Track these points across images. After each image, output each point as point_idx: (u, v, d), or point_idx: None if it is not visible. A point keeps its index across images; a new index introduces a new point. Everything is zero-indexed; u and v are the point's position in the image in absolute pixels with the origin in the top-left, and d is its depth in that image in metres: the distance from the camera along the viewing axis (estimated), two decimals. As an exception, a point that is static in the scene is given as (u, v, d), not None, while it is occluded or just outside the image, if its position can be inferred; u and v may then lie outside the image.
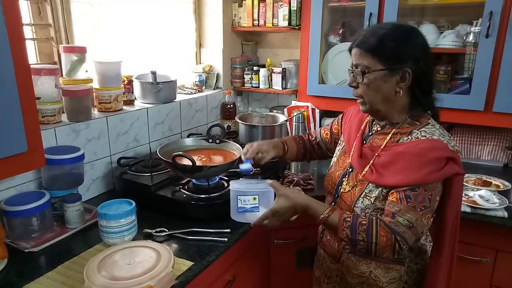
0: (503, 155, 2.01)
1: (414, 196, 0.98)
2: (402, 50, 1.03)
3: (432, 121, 1.09)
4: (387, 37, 1.03)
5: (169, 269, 1.06)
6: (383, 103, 1.08)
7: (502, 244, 1.55)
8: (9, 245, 1.20)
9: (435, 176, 0.99)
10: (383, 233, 0.96)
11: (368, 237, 0.97)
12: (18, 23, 0.98)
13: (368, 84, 1.06)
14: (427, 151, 1.00)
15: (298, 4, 2.17)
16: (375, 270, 1.12)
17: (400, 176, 1.01)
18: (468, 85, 1.83)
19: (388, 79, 1.04)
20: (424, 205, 0.99)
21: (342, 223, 1.00)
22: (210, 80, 2.40)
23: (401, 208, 0.99)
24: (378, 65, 1.03)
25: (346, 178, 1.17)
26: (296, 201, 1.09)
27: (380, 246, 0.96)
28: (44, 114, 1.42)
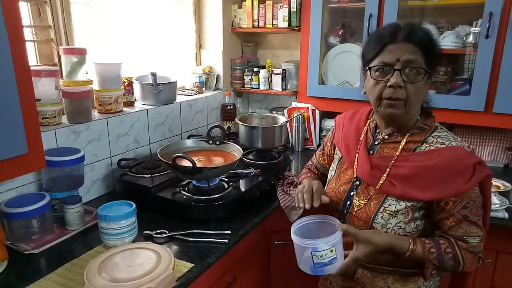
0: (503, 156, 2.01)
1: (470, 211, 0.99)
2: (438, 51, 1.01)
3: (438, 124, 1.09)
4: (430, 36, 0.99)
5: (170, 271, 1.06)
6: (418, 105, 1.04)
7: (502, 245, 1.54)
8: (9, 247, 1.20)
9: (468, 185, 0.98)
10: (469, 256, 1.00)
11: (455, 264, 0.99)
12: (18, 25, 0.98)
13: (421, 86, 0.99)
14: (453, 162, 0.99)
15: (298, 5, 2.17)
16: (393, 284, 1.09)
17: (433, 191, 0.99)
18: (468, 86, 1.83)
19: (427, 81, 1.01)
20: (479, 214, 1.01)
21: (428, 256, 0.99)
22: (210, 81, 2.40)
23: (465, 229, 1.00)
24: (429, 66, 0.99)
25: (355, 192, 1.10)
26: (378, 244, 0.99)
27: (467, 267, 1.00)
28: (44, 115, 1.42)
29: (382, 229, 1.04)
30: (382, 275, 1.09)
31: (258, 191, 1.60)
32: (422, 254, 0.99)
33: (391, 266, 1.07)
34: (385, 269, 1.08)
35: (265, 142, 1.87)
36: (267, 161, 1.84)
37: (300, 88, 2.27)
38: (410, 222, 1.03)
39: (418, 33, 0.97)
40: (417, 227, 1.04)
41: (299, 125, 2.24)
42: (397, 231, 1.04)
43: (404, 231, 1.04)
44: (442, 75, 1.94)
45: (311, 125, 2.27)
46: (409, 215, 1.02)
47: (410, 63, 0.96)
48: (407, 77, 0.97)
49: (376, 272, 1.09)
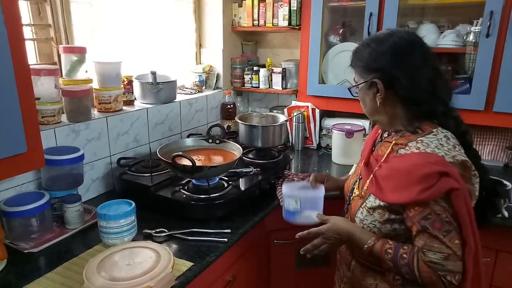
0: (504, 155, 2.01)
1: (431, 224, 0.94)
2: (370, 63, 1.05)
3: (437, 130, 1.03)
4: (360, 51, 1.09)
5: (169, 269, 1.06)
6: (375, 114, 1.11)
7: (502, 244, 1.54)
8: (8, 246, 1.20)
9: (426, 194, 0.93)
10: (425, 269, 0.94)
11: (411, 272, 0.96)
12: (18, 24, 0.98)
13: (360, 98, 1.13)
14: (416, 168, 0.96)
15: (298, 4, 2.16)
16: (381, 283, 1.09)
17: (396, 194, 0.99)
18: (469, 85, 1.83)
19: (367, 92, 1.08)
20: (446, 229, 0.93)
21: (384, 255, 0.99)
22: (210, 80, 2.40)
23: (425, 242, 0.94)
24: (360, 79, 1.09)
25: (356, 185, 1.17)
26: (341, 227, 1.08)
27: (426, 281, 0.94)
28: (44, 114, 1.42)
29: (360, 224, 1.09)
30: (371, 272, 1.11)
31: (258, 190, 1.60)
32: (379, 252, 1.00)
33: (378, 265, 1.07)
34: (374, 267, 1.10)
35: (265, 141, 1.87)
36: (267, 160, 1.84)
37: (300, 87, 2.27)
38: (386, 223, 1.03)
39: (351, 56, 1.12)
40: (395, 231, 1.03)
41: (299, 124, 2.24)
42: (372, 229, 1.06)
43: (380, 231, 1.05)
44: (443, 74, 1.93)
45: (311, 124, 2.27)
46: (385, 216, 1.03)
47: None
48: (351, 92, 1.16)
49: (367, 268, 1.12)
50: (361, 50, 1.08)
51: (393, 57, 1.02)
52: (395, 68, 1.02)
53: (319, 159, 2.16)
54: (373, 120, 1.14)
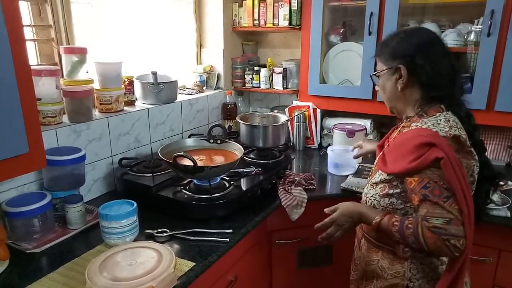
0: (505, 154, 2.01)
1: (430, 192, 0.99)
2: (395, 50, 1.13)
3: (441, 114, 1.09)
4: (387, 41, 1.17)
5: (171, 269, 1.06)
6: (392, 100, 1.19)
7: (505, 244, 1.54)
8: (10, 246, 1.20)
9: (415, 163, 1.00)
10: (429, 235, 0.98)
11: (417, 240, 0.99)
12: (19, 24, 0.98)
13: (379, 86, 1.21)
14: (408, 140, 1.05)
15: (298, 3, 2.16)
16: (382, 260, 1.16)
17: (393, 165, 1.08)
18: (470, 84, 1.82)
19: (389, 78, 1.15)
20: (445, 195, 0.98)
21: (391, 228, 1.04)
22: (211, 80, 2.40)
23: (427, 209, 0.99)
24: (383, 67, 1.17)
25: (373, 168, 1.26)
26: (351, 209, 1.15)
27: (432, 247, 0.98)
28: (45, 115, 1.42)
29: (363, 198, 1.20)
30: (374, 248, 1.19)
31: (259, 190, 1.60)
32: (386, 225, 1.06)
33: (380, 241, 1.16)
34: (376, 243, 1.18)
35: (266, 141, 1.87)
36: (268, 160, 1.84)
37: (301, 87, 2.27)
38: (385, 197, 1.11)
39: (377, 47, 1.22)
40: (392, 204, 1.10)
41: (300, 124, 2.24)
42: (372, 202, 1.14)
43: (378, 204, 1.13)
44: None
45: (312, 124, 2.27)
46: (385, 189, 1.11)
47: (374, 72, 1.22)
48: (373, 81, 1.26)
49: (371, 244, 1.20)
50: (389, 39, 1.17)
51: (419, 46, 1.10)
52: (421, 55, 1.09)
53: (320, 159, 2.16)
54: (390, 107, 1.22)
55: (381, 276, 1.16)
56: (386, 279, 1.14)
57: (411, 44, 1.11)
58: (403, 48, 1.12)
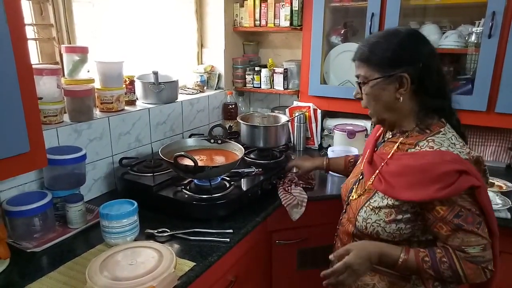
0: (506, 156, 2.01)
1: (464, 220, 0.94)
2: (395, 56, 1.00)
3: (445, 130, 1.03)
4: (379, 44, 1.02)
5: (171, 269, 1.06)
6: (387, 111, 1.06)
7: (505, 246, 1.53)
8: (11, 245, 1.20)
9: (445, 192, 0.93)
10: (470, 266, 0.95)
11: (454, 273, 0.96)
12: (20, 23, 0.98)
13: (368, 94, 1.05)
14: (434, 166, 0.95)
15: (299, 4, 2.16)
16: (379, 283, 1.08)
17: (411, 192, 0.98)
18: (471, 86, 1.82)
19: (386, 87, 1.02)
20: (478, 221, 0.96)
21: (422, 265, 0.97)
22: (211, 80, 2.40)
23: (462, 238, 0.95)
24: (375, 74, 1.03)
25: (356, 185, 1.17)
26: (368, 250, 1.01)
27: (470, 278, 0.96)
28: (46, 114, 1.42)
29: (362, 223, 1.07)
30: (370, 271, 1.08)
31: (260, 190, 1.60)
32: (415, 263, 0.97)
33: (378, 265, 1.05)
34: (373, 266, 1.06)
35: (266, 141, 1.87)
36: (268, 160, 1.84)
37: (301, 87, 2.27)
38: (391, 223, 1.02)
39: (360, 49, 1.06)
40: (400, 230, 1.02)
41: (300, 124, 2.24)
42: (375, 228, 1.04)
43: (383, 230, 1.03)
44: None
45: (313, 124, 2.27)
46: (392, 215, 1.02)
47: (357, 78, 1.08)
48: (360, 88, 1.08)
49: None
50: (377, 42, 1.03)
51: (423, 51, 1.00)
52: (429, 63, 0.99)
53: (320, 159, 2.15)
54: (380, 119, 1.09)
55: None
56: None
57: (411, 48, 1.01)
58: (402, 52, 1.00)
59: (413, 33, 1.04)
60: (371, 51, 1.03)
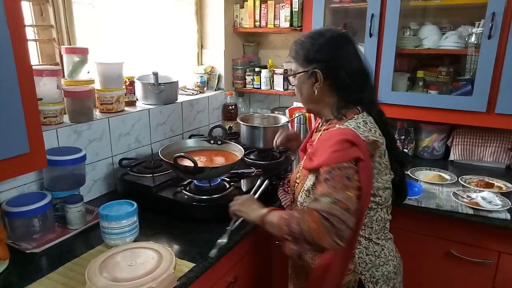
0: (506, 157, 2.01)
1: (331, 177, 1.00)
2: (311, 53, 1.13)
3: (358, 116, 1.12)
4: (304, 43, 1.16)
5: (171, 270, 1.06)
6: (309, 102, 1.20)
7: (504, 246, 1.54)
8: (10, 246, 1.20)
9: (337, 155, 1.02)
10: (310, 217, 0.93)
11: (299, 226, 0.94)
12: (20, 24, 0.98)
13: (295, 86, 1.21)
14: (333, 136, 1.07)
15: (299, 5, 2.17)
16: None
17: (317, 160, 1.07)
18: (470, 86, 1.82)
19: (305, 81, 1.16)
20: (344, 183, 0.98)
21: (281, 221, 1.02)
22: (211, 81, 2.40)
23: (323, 191, 0.98)
24: (299, 68, 1.17)
25: (298, 175, 1.23)
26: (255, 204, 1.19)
27: (312, 232, 0.92)
28: (46, 115, 1.42)
29: (300, 207, 1.17)
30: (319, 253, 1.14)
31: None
32: (275, 219, 1.05)
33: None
34: None
35: (266, 142, 1.87)
36: (268, 161, 1.84)
37: (301, 88, 2.27)
38: None
39: (292, 47, 1.19)
40: None
41: (300, 125, 2.23)
42: None
43: None
44: (444, 76, 1.94)
45: (313, 125, 2.26)
46: None
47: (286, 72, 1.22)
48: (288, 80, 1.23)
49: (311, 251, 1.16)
50: (303, 41, 1.16)
51: (333, 50, 1.13)
52: (335, 60, 1.12)
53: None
54: (307, 109, 1.24)
55: None
56: None
57: (324, 46, 1.13)
58: (318, 52, 1.12)
59: (336, 37, 1.15)
60: (298, 49, 1.17)
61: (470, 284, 1.63)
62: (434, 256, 1.67)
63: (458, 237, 1.60)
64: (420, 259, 1.69)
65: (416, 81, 2.05)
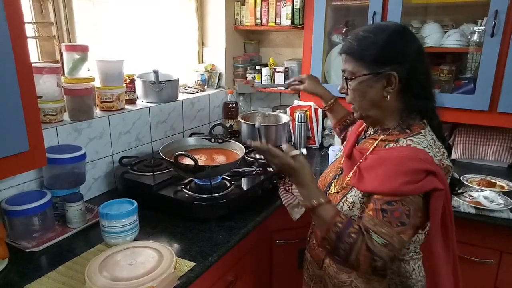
0: (508, 156, 2.00)
1: (391, 211, 0.91)
2: (385, 53, 0.98)
3: (425, 131, 1.01)
4: (368, 39, 0.99)
5: (171, 269, 1.05)
6: (372, 108, 1.04)
7: (506, 246, 1.53)
8: (10, 245, 1.20)
9: (410, 188, 0.90)
10: (364, 253, 0.92)
11: (350, 252, 0.93)
12: (20, 21, 0.97)
13: (354, 90, 1.03)
14: (407, 161, 0.93)
15: (301, 2, 2.16)
16: (356, 280, 1.07)
17: (376, 182, 0.95)
18: (473, 85, 1.81)
19: (373, 84, 1.00)
20: (402, 221, 0.91)
21: (332, 226, 0.95)
22: (212, 79, 2.39)
23: (376, 223, 0.92)
24: (363, 70, 1.00)
25: (335, 180, 1.14)
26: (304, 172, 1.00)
27: (359, 263, 0.93)
28: (46, 113, 1.42)
29: None
30: (346, 268, 1.07)
31: (260, 189, 1.59)
32: (328, 218, 0.96)
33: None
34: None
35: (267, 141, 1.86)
36: (269, 159, 1.83)
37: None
38: None
39: (348, 43, 1.03)
40: None
41: (301, 123, 2.22)
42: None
43: None
44: (446, 74, 1.93)
45: (314, 123, 2.26)
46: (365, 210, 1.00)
47: (343, 72, 1.05)
48: (347, 84, 1.04)
49: (341, 264, 1.08)
50: (365, 37, 0.99)
51: (409, 48, 0.98)
52: (418, 63, 0.98)
53: (321, 159, 2.15)
54: (364, 115, 1.07)
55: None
56: None
57: (401, 47, 0.98)
58: (396, 51, 0.98)
59: (401, 30, 1.01)
60: (360, 46, 1.00)
61: (472, 283, 1.62)
62: (436, 256, 1.66)
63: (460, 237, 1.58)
64: (421, 259, 1.68)
65: (418, 80, 2.04)
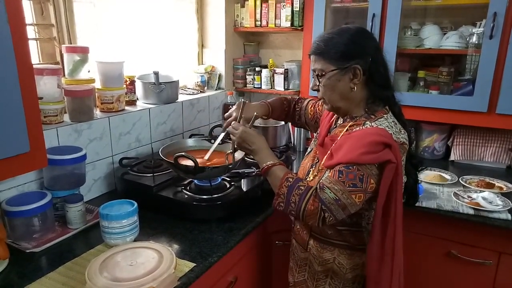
0: (506, 157, 2.00)
1: (346, 173, 1.03)
2: (349, 50, 1.10)
3: (387, 116, 1.13)
4: (334, 40, 1.12)
5: (171, 270, 1.06)
6: (341, 100, 1.15)
7: (505, 247, 1.54)
8: (10, 246, 1.20)
9: (368, 157, 1.02)
10: (312, 202, 1.03)
11: (299, 202, 1.05)
12: (22, 23, 0.98)
13: (325, 85, 1.14)
14: (368, 135, 1.06)
15: (300, 4, 2.16)
16: (338, 257, 1.19)
17: (341, 155, 1.07)
18: (471, 87, 1.82)
19: (341, 78, 1.12)
20: (354, 183, 1.02)
21: (284, 181, 1.09)
22: (212, 80, 2.40)
23: (331, 181, 1.04)
24: (331, 66, 1.11)
25: (313, 168, 1.23)
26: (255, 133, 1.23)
27: (307, 213, 1.04)
28: (46, 114, 1.42)
29: None
30: (329, 246, 1.20)
31: (260, 191, 1.60)
32: (280, 175, 1.11)
33: (337, 239, 1.18)
34: (331, 241, 1.19)
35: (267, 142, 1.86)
36: (269, 160, 1.83)
37: (302, 88, 2.26)
38: None
39: (316, 44, 1.14)
40: None
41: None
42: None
43: None
44: (445, 76, 1.93)
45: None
46: None
47: (314, 71, 1.16)
48: (318, 80, 1.16)
49: (324, 243, 1.21)
50: (334, 37, 1.12)
51: (369, 43, 1.12)
52: (377, 56, 1.11)
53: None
54: (335, 107, 1.18)
55: (339, 273, 1.20)
56: (345, 274, 1.19)
57: (362, 42, 1.11)
58: (355, 47, 1.10)
59: (361, 30, 1.15)
60: (327, 46, 1.12)
61: (471, 284, 1.62)
62: (435, 256, 1.67)
63: (459, 238, 1.60)
64: (420, 259, 1.69)
65: (417, 81, 2.05)
